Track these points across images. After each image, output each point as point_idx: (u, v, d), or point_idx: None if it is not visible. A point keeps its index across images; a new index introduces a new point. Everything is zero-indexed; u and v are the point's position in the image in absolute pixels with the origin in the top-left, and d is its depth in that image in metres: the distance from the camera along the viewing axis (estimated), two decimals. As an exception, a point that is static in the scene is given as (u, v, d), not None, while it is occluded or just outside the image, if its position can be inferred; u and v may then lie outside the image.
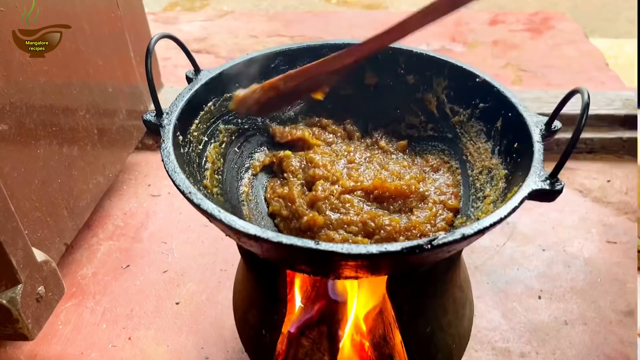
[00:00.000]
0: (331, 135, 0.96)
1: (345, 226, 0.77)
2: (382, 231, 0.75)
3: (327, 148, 0.92)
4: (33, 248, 0.93)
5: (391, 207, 0.81)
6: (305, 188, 0.86)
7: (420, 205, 0.81)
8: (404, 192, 0.81)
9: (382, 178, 0.83)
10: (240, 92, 0.78)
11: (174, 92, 1.74)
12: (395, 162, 0.90)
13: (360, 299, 0.87)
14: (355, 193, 0.82)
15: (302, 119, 0.98)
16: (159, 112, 0.72)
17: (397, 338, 0.79)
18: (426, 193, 0.82)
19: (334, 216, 0.78)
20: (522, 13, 2.82)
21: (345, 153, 0.91)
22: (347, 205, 0.80)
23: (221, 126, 0.86)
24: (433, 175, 0.88)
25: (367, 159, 0.90)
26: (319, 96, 0.77)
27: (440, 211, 0.80)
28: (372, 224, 0.76)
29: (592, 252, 1.33)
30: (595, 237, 1.38)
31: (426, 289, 0.76)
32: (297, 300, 0.89)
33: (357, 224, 0.76)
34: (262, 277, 0.80)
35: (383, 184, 0.81)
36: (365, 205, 0.80)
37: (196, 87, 0.79)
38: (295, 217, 0.81)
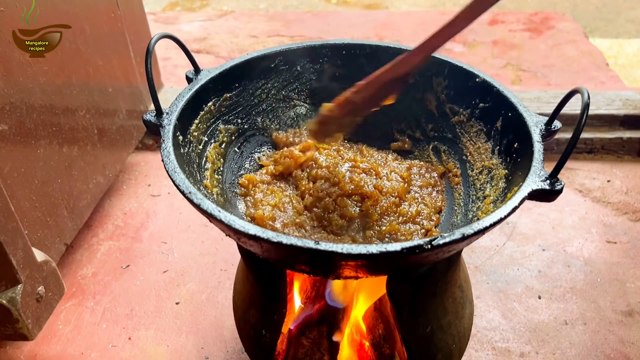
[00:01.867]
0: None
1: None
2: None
3: (332, 151, 0.92)
4: (33, 248, 0.93)
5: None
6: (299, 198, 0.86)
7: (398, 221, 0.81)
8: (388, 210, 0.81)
9: (379, 185, 0.83)
10: (316, 118, 0.79)
11: (174, 92, 1.75)
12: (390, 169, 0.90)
13: (360, 299, 0.87)
14: (353, 197, 0.82)
15: (302, 122, 0.97)
16: (159, 112, 0.72)
17: (397, 338, 0.79)
18: (409, 215, 0.82)
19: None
20: (522, 13, 2.82)
21: (350, 156, 0.91)
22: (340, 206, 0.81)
23: (221, 126, 0.86)
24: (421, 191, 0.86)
25: (372, 162, 0.91)
26: (390, 101, 0.75)
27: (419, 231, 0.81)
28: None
29: (592, 252, 1.33)
30: (595, 237, 1.38)
31: (426, 289, 0.76)
32: (297, 300, 0.89)
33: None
34: (262, 277, 0.80)
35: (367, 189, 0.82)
36: (358, 209, 0.81)
37: (196, 87, 0.80)
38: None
